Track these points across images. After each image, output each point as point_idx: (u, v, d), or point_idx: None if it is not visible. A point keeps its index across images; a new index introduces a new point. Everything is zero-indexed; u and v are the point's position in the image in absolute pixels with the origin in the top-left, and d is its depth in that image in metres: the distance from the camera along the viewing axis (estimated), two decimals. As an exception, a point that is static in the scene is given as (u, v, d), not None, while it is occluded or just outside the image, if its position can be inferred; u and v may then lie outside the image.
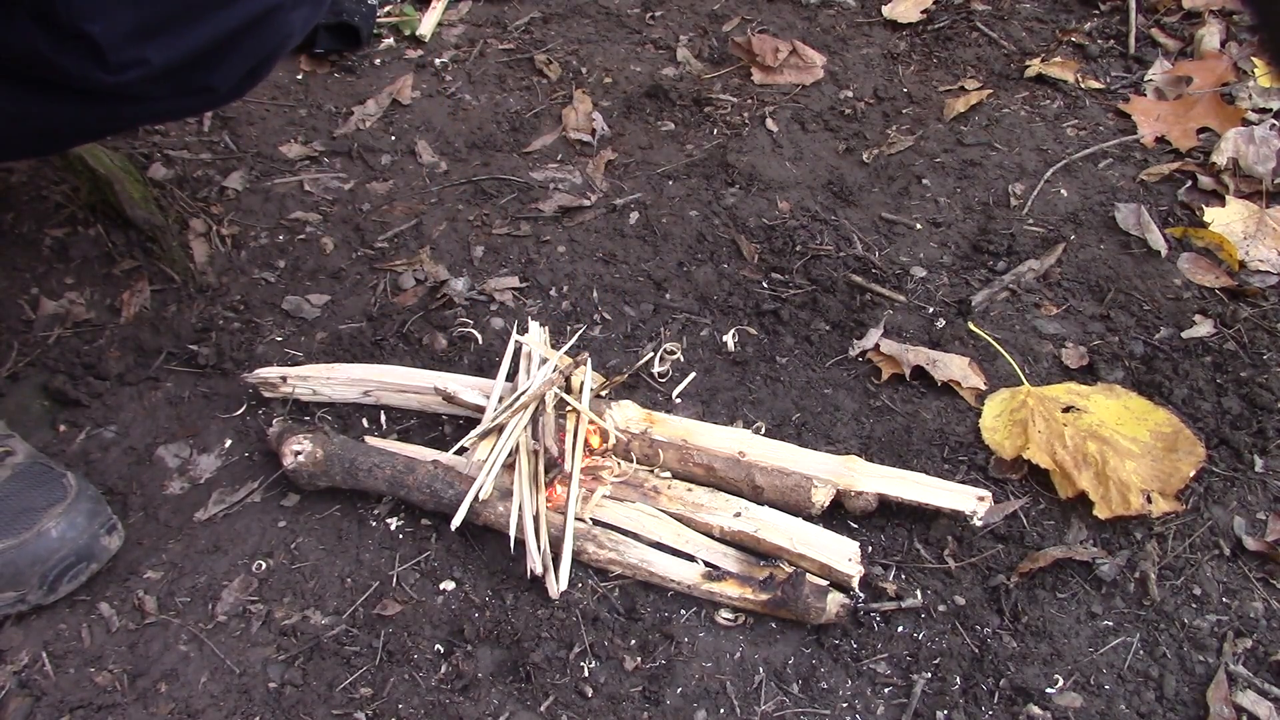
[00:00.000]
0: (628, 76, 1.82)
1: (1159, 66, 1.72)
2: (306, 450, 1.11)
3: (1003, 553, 1.08)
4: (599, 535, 1.07)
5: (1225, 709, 0.94)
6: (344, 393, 1.25)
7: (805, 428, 1.22)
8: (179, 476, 1.19)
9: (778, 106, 1.73)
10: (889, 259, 1.44)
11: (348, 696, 0.98)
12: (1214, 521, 1.09)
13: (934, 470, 1.15)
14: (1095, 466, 1.11)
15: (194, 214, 1.52)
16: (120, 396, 1.28)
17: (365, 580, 1.08)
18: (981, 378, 1.25)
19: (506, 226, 1.53)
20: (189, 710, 0.98)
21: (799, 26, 1.92)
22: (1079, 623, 1.02)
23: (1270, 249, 1.40)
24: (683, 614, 1.04)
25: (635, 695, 0.97)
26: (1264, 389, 1.21)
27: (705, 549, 1.06)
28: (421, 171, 1.64)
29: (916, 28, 1.89)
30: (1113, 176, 1.55)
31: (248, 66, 1.06)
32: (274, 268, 1.46)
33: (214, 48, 0.99)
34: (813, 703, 0.97)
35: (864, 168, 1.60)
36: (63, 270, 1.43)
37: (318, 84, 1.83)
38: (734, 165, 1.60)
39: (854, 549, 1.03)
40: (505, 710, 0.97)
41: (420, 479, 1.09)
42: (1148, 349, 1.28)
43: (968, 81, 1.75)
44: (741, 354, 1.31)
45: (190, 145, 1.68)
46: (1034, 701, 0.95)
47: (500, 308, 1.39)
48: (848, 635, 1.01)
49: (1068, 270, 1.40)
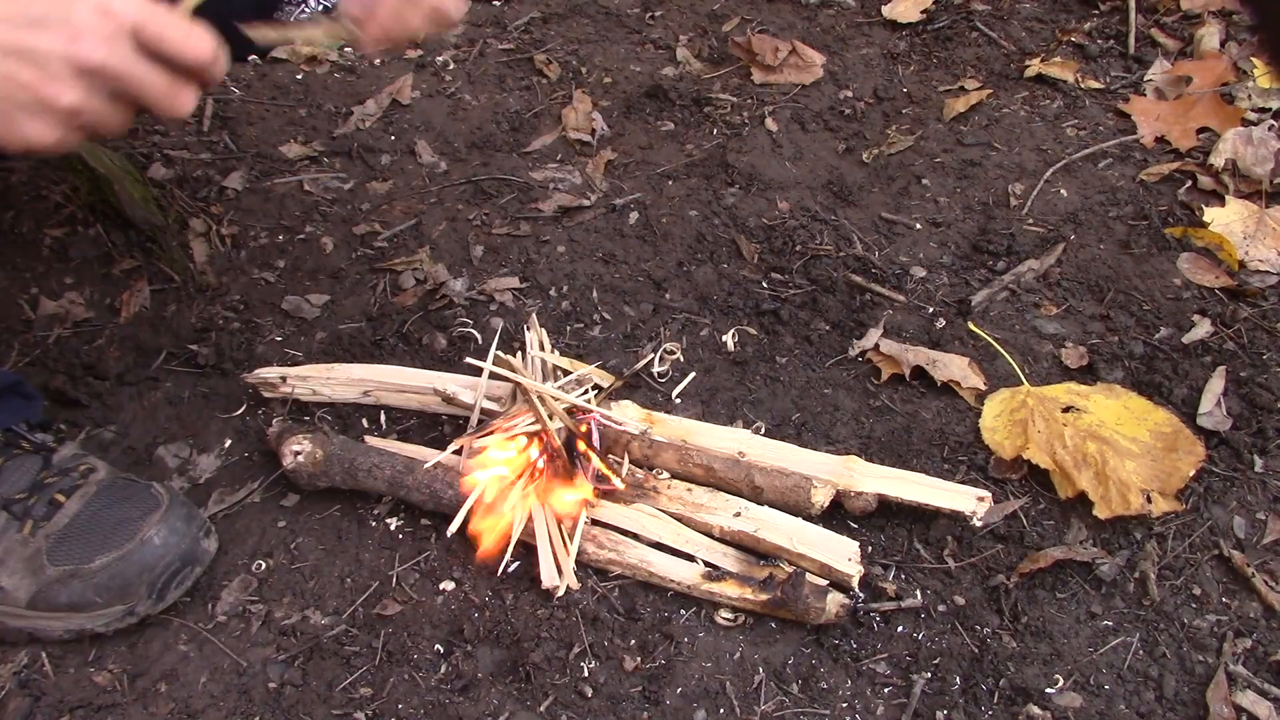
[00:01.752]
0: (627, 76, 1.82)
1: (1159, 66, 1.72)
2: (306, 450, 1.11)
3: (1002, 553, 1.08)
4: (599, 535, 1.07)
5: (1225, 709, 0.94)
6: (344, 393, 1.25)
7: (805, 428, 1.22)
8: (179, 476, 1.19)
9: (777, 106, 1.73)
10: (889, 259, 1.44)
11: (347, 696, 0.98)
12: (1214, 521, 1.09)
13: (934, 470, 1.15)
14: (1095, 466, 1.11)
15: (194, 214, 1.52)
16: (120, 396, 1.28)
17: (365, 580, 1.08)
18: (981, 378, 1.25)
19: (506, 226, 1.53)
20: (189, 710, 0.98)
21: (799, 26, 1.92)
22: (1079, 623, 1.02)
23: (1270, 249, 1.40)
24: (682, 614, 1.04)
25: (635, 695, 0.97)
26: (1264, 389, 1.21)
27: (705, 549, 1.06)
28: (421, 171, 1.64)
29: (916, 28, 1.89)
30: (1113, 176, 1.55)
31: None
32: (274, 268, 1.46)
33: None
34: (812, 703, 0.97)
35: (864, 168, 1.60)
36: (62, 270, 1.43)
37: (318, 84, 1.83)
38: (734, 165, 1.60)
39: (854, 549, 1.03)
40: (505, 710, 0.97)
41: (420, 479, 1.09)
42: (1148, 349, 1.28)
43: (967, 81, 1.75)
44: (741, 354, 1.31)
45: (190, 145, 1.68)
46: (1034, 701, 0.95)
47: (500, 308, 1.39)
48: (847, 635, 1.01)
49: (1068, 270, 1.40)
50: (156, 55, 0.73)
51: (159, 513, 1.03)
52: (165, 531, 1.02)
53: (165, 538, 1.02)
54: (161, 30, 0.73)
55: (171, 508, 1.04)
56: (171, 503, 1.04)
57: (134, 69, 0.72)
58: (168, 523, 1.02)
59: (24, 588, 1.00)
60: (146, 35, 0.72)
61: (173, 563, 1.02)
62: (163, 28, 0.73)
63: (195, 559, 1.04)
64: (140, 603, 1.01)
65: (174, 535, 1.02)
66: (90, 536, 1.01)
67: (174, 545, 1.02)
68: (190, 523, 1.05)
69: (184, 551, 1.03)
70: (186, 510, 1.06)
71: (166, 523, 1.02)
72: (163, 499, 1.04)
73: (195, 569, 1.05)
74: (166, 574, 1.02)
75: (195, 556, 1.04)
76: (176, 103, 0.75)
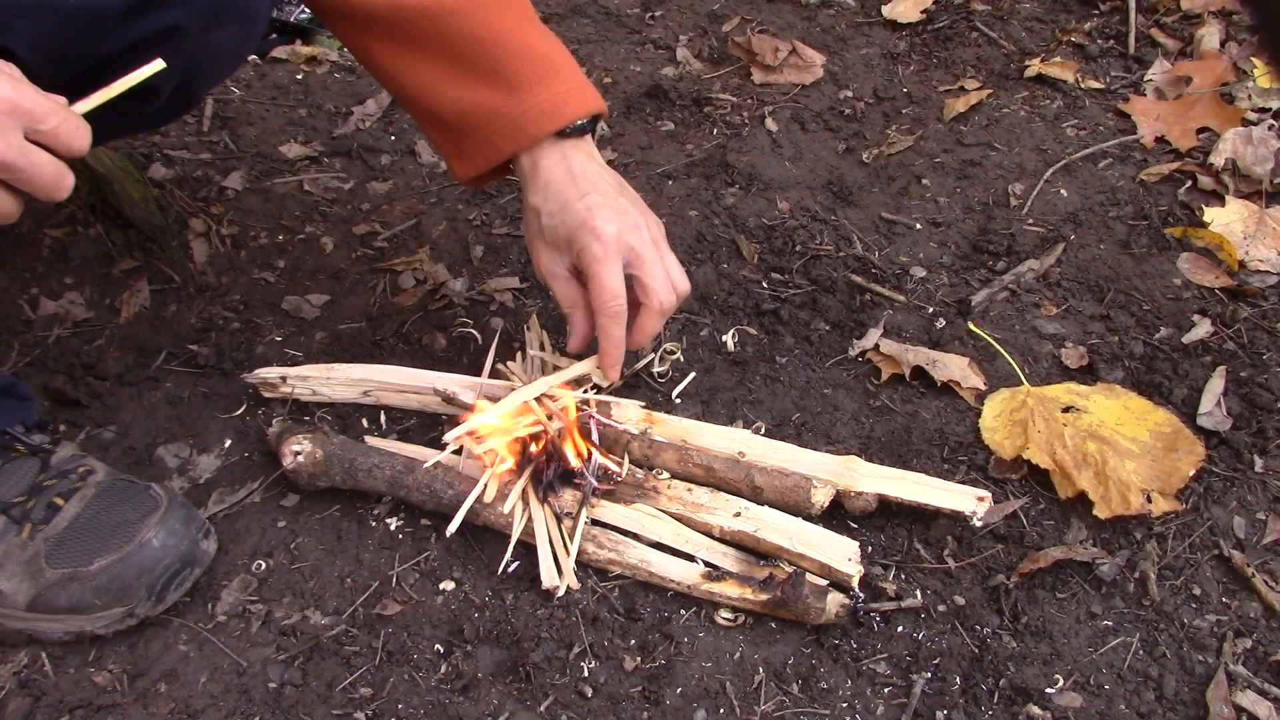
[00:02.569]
0: (627, 76, 1.82)
1: (1159, 66, 1.72)
2: (306, 450, 1.11)
3: (1002, 553, 1.08)
4: (599, 535, 1.07)
5: (1225, 709, 0.94)
6: (344, 393, 1.25)
7: (805, 428, 1.22)
8: (179, 476, 1.19)
9: (777, 106, 1.73)
10: (889, 259, 1.44)
11: (347, 696, 0.98)
12: (1214, 521, 1.09)
13: (934, 470, 1.15)
14: (1095, 466, 1.11)
15: (194, 214, 1.52)
16: (120, 396, 1.28)
17: (365, 580, 1.08)
18: (981, 378, 1.25)
19: (506, 226, 1.53)
20: (189, 710, 0.98)
21: (799, 26, 1.92)
22: (1079, 623, 1.02)
23: (1270, 249, 1.40)
24: (682, 614, 1.04)
25: (635, 695, 0.97)
26: (1264, 389, 1.21)
27: (705, 549, 1.06)
28: (421, 171, 1.64)
29: (916, 28, 1.89)
30: (1113, 176, 1.55)
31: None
32: (274, 268, 1.46)
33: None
34: (812, 703, 0.97)
35: (864, 168, 1.60)
36: (62, 270, 1.43)
37: (318, 84, 1.84)
38: (734, 165, 1.60)
39: (854, 549, 1.03)
40: (505, 710, 0.97)
41: (420, 479, 1.09)
42: (1148, 349, 1.28)
43: (967, 81, 1.75)
44: (741, 354, 1.31)
45: (190, 145, 1.68)
46: (1034, 701, 0.95)
47: (500, 308, 1.39)
48: (847, 635, 1.01)
49: (1068, 270, 1.40)
50: (44, 146, 0.76)
51: (158, 515, 1.03)
52: (164, 534, 1.02)
53: (164, 540, 1.02)
54: (57, 126, 0.76)
55: (170, 509, 1.04)
56: (170, 504, 1.04)
57: (25, 160, 0.75)
58: (166, 525, 1.02)
59: (23, 590, 1.00)
60: (41, 129, 0.75)
61: (172, 565, 1.02)
62: (58, 121, 0.76)
63: (194, 561, 1.04)
64: (139, 605, 1.01)
65: (173, 537, 1.02)
66: (89, 539, 1.01)
67: (173, 547, 1.02)
68: (189, 524, 1.04)
69: (183, 553, 1.03)
70: (185, 512, 1.05)
71: (165, 525, 1.02)
72: (161, 501, 1.04)
73: (194, 571, 1.05)
74: (165, 576, 1.01)
75: (194, 558, 1.04)
76: (61, 188, 0.78)
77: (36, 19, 0.86)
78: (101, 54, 0.93)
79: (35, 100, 0.75)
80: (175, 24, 0.95)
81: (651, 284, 1.06)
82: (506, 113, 1.05)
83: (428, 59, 1.06)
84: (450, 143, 1.11)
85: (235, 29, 1.05)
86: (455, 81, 1.06)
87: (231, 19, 1.02)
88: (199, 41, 0.99)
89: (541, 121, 1.05)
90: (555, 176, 1.06)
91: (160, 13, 0.93)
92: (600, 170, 1.08)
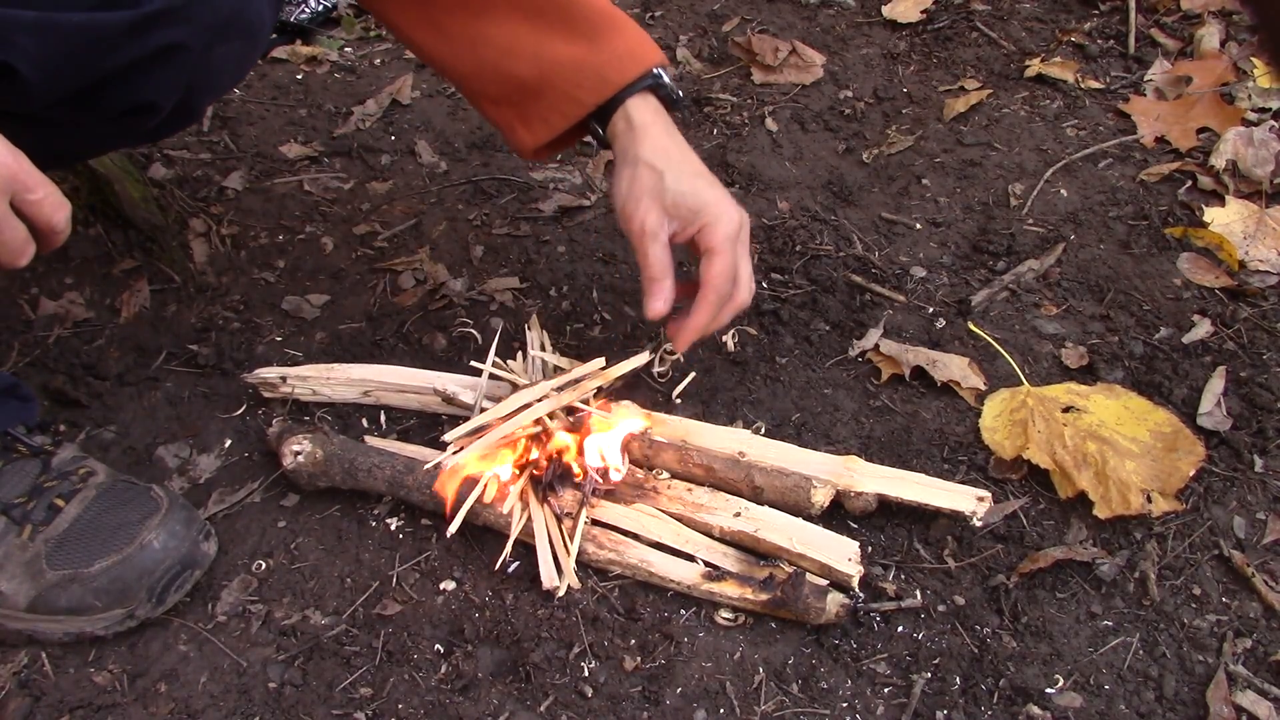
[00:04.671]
0: (627, 76, 1.82)
1: (1159, 66, 1.72)
2: (306, 450, 1.11)
3: (1002, 553, 1.08)
4: (599, 535, 1.07)
5: (1225, 709, 0.94)
6: (344, 393, 1.25)
7: (805, 428, 1.22)
8: (179, 476, 1.19)
9: (777, 106, 1.73)
10: (889, 259, 1.44)
11: (347, 696, 0.98)
12: (1214, 521, 1.09)
13: (934, 470, 1.15)
14: (1095, 466, 1.11)
15: (194, 214, 1.52)
16: (120, 396, 1.28)
17: (365, 580, 1.08)
18: (981, 378, 1.25)
19: (506, 226, 1.53)
20: (189, 710, 0.98)
21: (799, 26, 1.92)
22: (1079, 623, 1.02)
23: (1270, 249, 1.40)
24: (682, 614, 1.04)
25: (635, 695, 0.97)
26: (1264, 389, 1.21)
27: (705, 549, 1.06)
28: (421, 171, 1.64)
29: (916, 28, 1.89)
30: (1113, 176, 1.55)
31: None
32: (274, 268, 1.46)
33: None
34: (812, 703, 0.97)
35: (864, 168, 1.60)
36: (62, 270, 1.43)
37: (318, 84, 1.84)
38: (734, 165, 1.60)
39: (854, 549, 1.03)
40: (505, 710, 0.97)
41: (420, 479, 1.09)
42: (1148, 349, 1.28)
43: (967, 81, 1.76)
44: (741, 354, 1.31)
45: (190, 145, 1.68)
46: (1034, 701, 0.95)
47: (500, 308, 1.39)
48: (847, 635, 1.01)
49: (1068, 270, 1.40)
50: (22, 213, 0.77)
51: (158, 516, 1.03)
52: (164, 535, 1.02)
53: (164, 541, 1.02)
54: (43, 198, 0.77)
55: (171, 511, 1.04)
56: (171, 506, 1.04)
57: (1, 224, 0.76)
58: (167, 526, 1.02)
59: (23, 592, 1.00)
60: (29, 198, 0.76)
61: (172, 566, 1.02)
62: (44, 194, 0.77)
63: (194, 562, 1.04)
64: (140, 606, 1.01)
65: (173, 539, 1.02)
66: (89, 541, 1.01)
67: (173, 549, 1.02)
68: (190, 526, 1.04)
69: (183, 555, 1.03)
70: (186, 513, 1.05)
71: (166, 526, 1.02)
72: (162, 502, 1.04)
73: (195, 572, 1.05)
74: (166, 578, 1.01)
75: (194, 560, 1.04)
76: (23, 256, 0.79)
77: (38, 35, 0.86)
78: (104, 71, 0.92)
79: (30, 172, 0.77)
80: (178, 42, 0.94)
81: (743, 278, 1.11)
82: (588, 63, 1.05)
83: (499, 20, 1.06)
84: (517, 112, 1.11)
85: (239, 45, 1.04)
86: (532, 39, 1.06)
87: (235, 36, 1.01)
88: (202, 58, 0.98)
89: (624, 68, 1.06)
90: (669, 144, 1.08)
91: (163, 31, 0.92)
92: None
